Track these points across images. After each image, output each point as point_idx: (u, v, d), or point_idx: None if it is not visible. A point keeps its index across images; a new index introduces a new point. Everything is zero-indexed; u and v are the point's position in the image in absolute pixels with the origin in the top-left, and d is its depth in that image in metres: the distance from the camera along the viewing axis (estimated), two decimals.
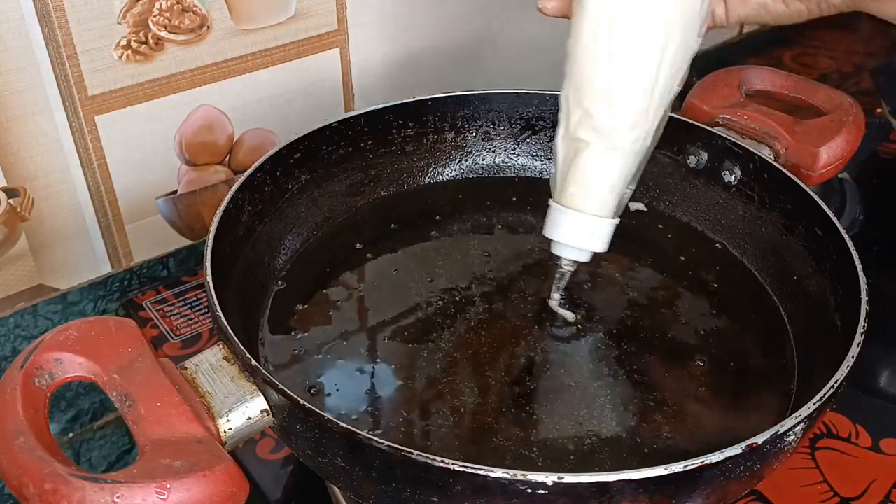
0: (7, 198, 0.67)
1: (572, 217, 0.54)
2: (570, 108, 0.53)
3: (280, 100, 0.78)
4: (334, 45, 0.80)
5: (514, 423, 0.52)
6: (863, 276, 0.54)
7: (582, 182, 0.54)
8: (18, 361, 0.45)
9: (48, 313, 0.73)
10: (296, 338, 0.58)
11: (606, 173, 0.53)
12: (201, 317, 0.74)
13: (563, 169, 0.54)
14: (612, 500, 0.42)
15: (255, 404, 0.47)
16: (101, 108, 0.69)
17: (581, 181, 0.54)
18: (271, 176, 0.64)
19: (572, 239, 0.55)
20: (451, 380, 0.55)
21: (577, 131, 0.53)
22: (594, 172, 0.53)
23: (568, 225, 0.55)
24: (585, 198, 0.54)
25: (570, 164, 0.54)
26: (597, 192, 0.54)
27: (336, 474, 0.48)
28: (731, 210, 0.68)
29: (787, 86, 0.76)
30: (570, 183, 0.54)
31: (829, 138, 0.68)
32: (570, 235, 0.55)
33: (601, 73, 0.51)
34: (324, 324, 0.60)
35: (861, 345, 0.49)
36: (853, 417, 0.64)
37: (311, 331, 0.59)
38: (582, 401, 0.54)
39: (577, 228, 0.54)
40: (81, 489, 0.39)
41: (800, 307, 0.61)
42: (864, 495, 0.59)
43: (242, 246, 0.60)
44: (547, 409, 0.53)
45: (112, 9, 0.66)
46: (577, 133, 0.53)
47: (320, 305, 0.61)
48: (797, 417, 0.45)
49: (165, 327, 0.73)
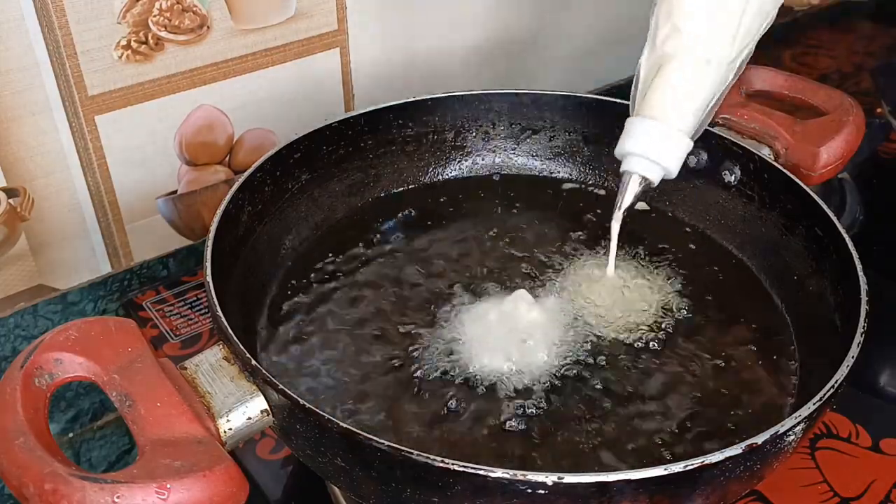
0: (7, 198, 0.67)
1: (652, 127, 0.54)
2: (660, 24, 0.54)
3: (280, 100, 0.78)
4: (334, 45, 0.80)
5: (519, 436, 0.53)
6: (863, 276, 0.54)
7: (665, 93, 0.54)
8: (18, 361, 0.45)
9: (48, 313, 0.73)
10: (296, 337, 0.58)
11: (690, 87, 0.54)
12: (201, 317, 0.74)
13: (644, 85, 0.55)
14: (612, 500, 0.42)
15: (255, 404, 0.47)
16: (101, 108, 0.69)
17: (663, 93, 0.54)
18: (271, 176, 0.64)
19: (650, 150, 0.54)
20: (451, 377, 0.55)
21: (665, 45, 0.54)
22: (678, 86, 0.54)
23: (645, 134, 0.54)
24: (667, 110, 0.54)
25: (654, 79, 0.54)
26: (679, 104, 0.54)
27: (336, 474, 0.48)
28: (731, 210, 0.68)
29: (787, 86, 0.76)
30: (652, 95, 0.54)
31: (829, 138, 0.68)
32: (648, 146, 0.54)
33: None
34: (324, 323, 0.60)
35: (861, 345, 0.49)
36: (853, 417, 0.64)
37: (312, 331, 0.59)
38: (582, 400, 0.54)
39: (656, 139, 0.54)
40: (81, 489, 0.39)
41: (800, 307, 0.61)
42: (864, 495, 0.58)
43: (242, 246, 0.60)
44: (548, 408, 0.54)
45: (112, 9, 0.66)
46: (665, 47, 0.54)
47: (320, 305, 0.61)
48: (797, 417, 0.45)
49: (165, 327, 0.73)
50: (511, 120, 0.74)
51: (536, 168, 0.76)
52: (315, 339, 0.58)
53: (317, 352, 0.57)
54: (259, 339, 0.58)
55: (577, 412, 0.53)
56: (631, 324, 0.60)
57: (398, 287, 0.63)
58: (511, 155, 0.75)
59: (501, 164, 0.76)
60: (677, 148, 0.55)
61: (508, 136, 0.75)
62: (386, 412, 0.53)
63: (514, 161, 0.76)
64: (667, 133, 0.54)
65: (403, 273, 0.64)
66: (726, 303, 0.63)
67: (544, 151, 0.76)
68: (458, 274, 0.64)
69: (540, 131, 0.75)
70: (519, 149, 0.76)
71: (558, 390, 0.54)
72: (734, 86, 0.74)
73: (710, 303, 0.63)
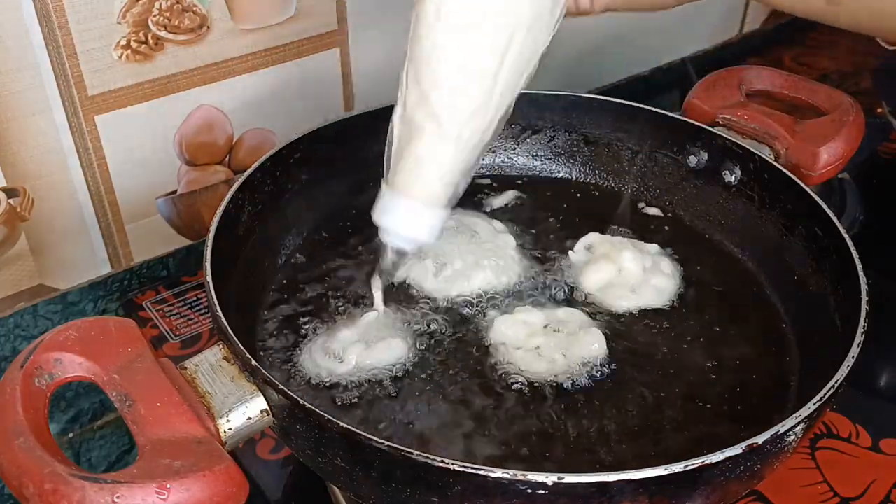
0: (7, 198, 0.67)
1: (401, 203, 0.52)
2: (409, 87, 0.50)
3: (280, 100, 0.78)
4: (334, 45, 0.79)
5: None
6: (863, 276, 0.54)
7: (414, 168, 0.51)
8: (18, 361, 0.45)
9: (48, 313, 0.73)
10: (296, 337, 0.58)
11: (439, 162, 0.51)
12: (201, 317, 0.74)
13: (396, 151, 0.52)
14: (612, 500, 0.42)
15: (255, 404, 0.47)
16: (101, 108, 0.69)
17: (413, 167, 0.51)
18: (271, 176, 0.64)
19: (399, 226, 0.53)
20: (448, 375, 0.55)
21: (414, 113, 0.50)
22: (427, 160, 0.51)
23: (396, 211, 0.52)
24: (419, 186, 0.51)
25: (405, 148, 0.51)
26: (430, 180, 0.51)
27: (336, 474, 0.48)
28: (731, 210, 0.68)
29: (787, 86, 0.76)
30: (402, 168, 0.51)
31: (829, 138, 0.68)
32: (397, 223, 0.53)
33: (440, 57, 0.49)
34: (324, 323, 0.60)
35: (861, 345, 0.49)
36: (853, 417, 0.64)
37: (312, 330, 0.59)
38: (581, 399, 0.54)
39: (405, 216, 0.52)
40: (81, 489, 0.39)
41: (800, 307, 0.61)
42: (864, 495, 0.58)
43: (242, 246, 0.60)
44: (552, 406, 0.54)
45: (112, 9, 0.66)
46: (414, 115, 0.50)
47: (320, 305, 0.61)
48: (797, 417, 0.45)
49: (165, 327, 0.73)
50: (511, 120, 0.74)
51: (536, 168, 0.76)
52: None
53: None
54: (259, 338, 0.58)
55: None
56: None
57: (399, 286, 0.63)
58: (511, 155, 0.75)
59: (501, 164, 0.76)
60: (429, 221, 0.53)
61: (508, 136, 0.75)
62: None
63: (514, 161, 0.76)
64: (417, 210, 0.52)
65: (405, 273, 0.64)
66: (726, 302, 0.63)
67: (544, 151, 0.76)
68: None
69: (540, 131, 0.75)
70: (519, 149, 0.76)
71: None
72: (735, 86, 0.75)
73: (710, 302, 0.63)
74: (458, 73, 0.49)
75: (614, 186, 0.74)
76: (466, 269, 0.62)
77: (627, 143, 0.73)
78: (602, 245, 0.65)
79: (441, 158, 0.51)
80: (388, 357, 0.56)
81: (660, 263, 0.64)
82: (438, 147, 0.50)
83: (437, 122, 0.50)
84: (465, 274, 0.62)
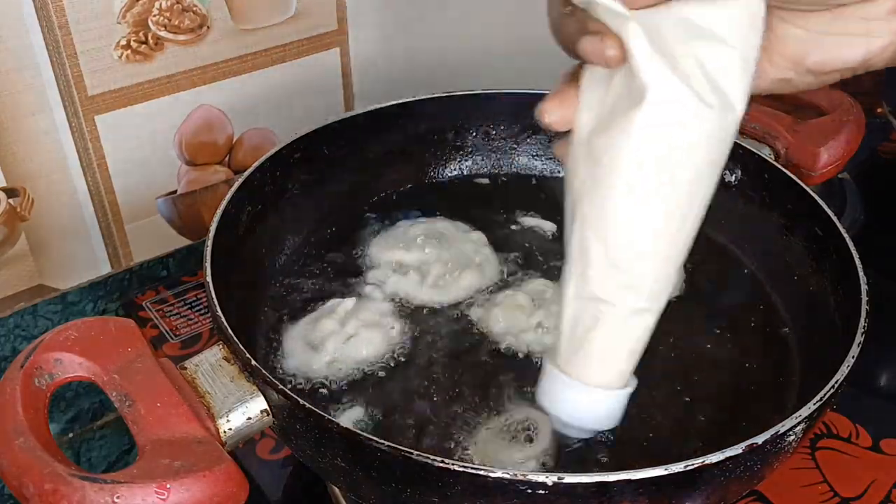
0: (7, 198, 0.67)
1: (584, 394, 0.44)
2: (591, 261, 0.42)
3: (280, 100, 0.78)
4: (334, 45, 0.79)
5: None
6: (863, 276, 0.54)
7: (602, 352, 0.44)
8: (18, 361, 0.45)
9: (48, 313, 0.73)
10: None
11: (634, 340, 0.44)
12: (201, 317, 0.74)
13: (574, 333, 0.44)
14: (612, 500, 0.42)
15: (255, 404, 0.47)
16: (101, 108, 0.68)
17: (601, 351, 0.44)
18: (271, 176, 0.64)
19: (585, 419, 0.46)
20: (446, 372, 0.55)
21: (604, 291, 0.42)
22: (620, 340, 0.44)
23: (578, 402, 0.45)
24: (604, 370, 0.44)
25: (589, 331, 0.43)
26: (620, 362, 0.44)
27: (336, 474, 0.48)
28: (731, 210, 0.68)
29: None
30: (585, 353, 0.44)
31: (829, 138, 0.68)
32: (582, 415, 0.46)
33: (643, 226, 0.41)
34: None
35: (861, 345, 0.49)
36: (853, 417, 0.64)
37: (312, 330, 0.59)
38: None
39: (591, 407, 0.45)
40: (81, 489, 0.39)
41: (800, 307, 0.61)
42: (864, 495, 0.58)
43: (242, 246, 0.60)
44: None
45: (112, 9, 0.65)
46: (604, 294, 0.42)
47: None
48: (797, 417, 0.45)
49: (165, 327, 0.73)
50: (511, 120, 0.74)
51: (537, 168, 0.76)
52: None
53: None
54: (259, 338, 0.58)
55: None
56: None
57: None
58: (511, 155, 0.75)
59: (501, 164, 0.76)
60: (615, 405, 0.46)
61: (508, 136, 0.75)
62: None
63: (514, 161, 0.76)
64: (602, 396, 0.45)
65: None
66: (726, 302, 0.63)
67: (544, 151, 0.76)
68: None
69: (540, 131, 0.75)
70: (519, 149, 0.76)
71: None
72: None
73: (710, 302, 0.63)
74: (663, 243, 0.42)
75: None
76: (451, 272, 0.63)
77: None
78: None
79: (639, 334, 0.44)
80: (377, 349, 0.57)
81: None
82: (637, 323, 0.43)
83: (639, 295, 0.42)
84: (452, 277, 0.62)
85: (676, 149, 0.39)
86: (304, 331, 0.58)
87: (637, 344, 0.44)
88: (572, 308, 0.44)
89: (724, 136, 0.40)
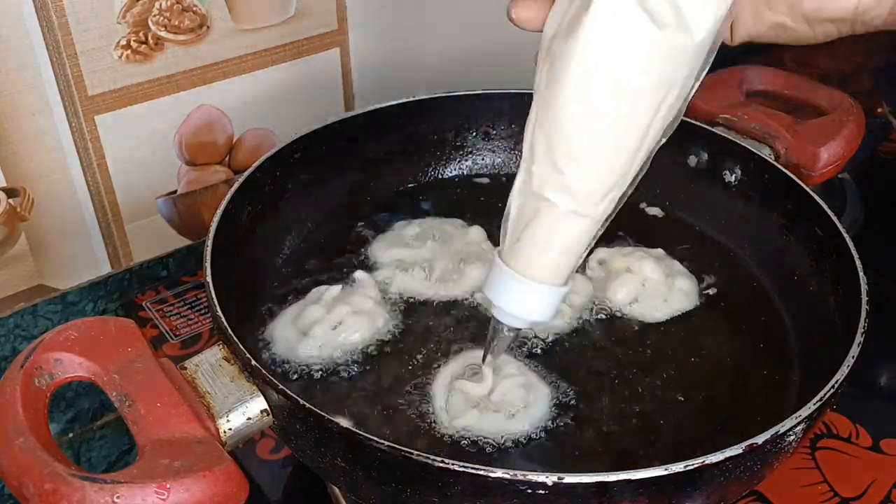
0: (7, 198, 0.67)
1: (522, 284, 0.46)
2: (536, 158, 0.44)
3: (280, 100, 0.78)
4: (334, 45, 0.79)
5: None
6: (863, 276, 0.54)
7: (539, 247, 0.46)
8: (18, 361, 0.45)
9: (48, 313, 0.73)
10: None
11: (569, 240, 0.45)
12: (201, 317, 0.74)
13: (516, 226, 0.46)
14: (612, 500, 0.42)
15: (254, 404, 0.47)
16: (101, 108, 0.68)
17: (538, 246, 0.46)
18: (271, 176, 0.64)
19: (519, 309, 0.47)
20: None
21: (543, 188, 0.44)
22: (556, 239, 0.45)
23: (515, 292, 0.47)
24: (540, 266, 0.46)
25: (528, 224, 0.45)
26: (555, 260, 0.46)
27: (336, 474, 0.48)
28: (731, 210, 0.68)
29: (787, 86, 0.76)
30: (524, 246, 0.46)
31: (829, 138, 0.68)
32: (518, 305, 0.47)
33: (583, 129, 0.43)
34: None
35: (861, 345, 0.49)
36: (853, 417, 0.64)
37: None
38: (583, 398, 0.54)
39: (527, 298, 0.47)
40: (81, 489, 0.39)
41: (800, 307, 0.61)
42: (864, 495, 0.58)
43: (242, 246, 0.60)
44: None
45: (112, 9, 0.66)
46: (543, 190, 0.44)
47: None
48: (797, 417, 0.45)
49: (165, 327, 0.73)
50: (511, 120, 0.74)
51: None
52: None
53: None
54: (259, 338, 0.58)
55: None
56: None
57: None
58: (511, 155, 0.75)
59: (501, 164, 0.76)
60: (552, 301, 0.47)
61: (508, 136, 0.75)
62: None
63: (514, 161, 0.76)
64: (538, 290, 0.46)
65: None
66: (726, 302, 0.63)
67: None
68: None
69: None
70: (519, 149, 0.75)
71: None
72: (735, 86, 0.75)
73: (710, 303, 0.63)
74: (601, 150, 0.43)
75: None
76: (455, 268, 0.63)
77: None
78: (615, 259, 0.64)
79: (572, 236, 0.45)
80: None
81: (673, 266, 0.64)
82: (571, 224, 0.45)
83: (573, 198, 0.44)
84: (457, 272, 0.63)
85: (623, 62, 0.41)
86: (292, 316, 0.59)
87: (573, 245, 0.45)
88: (517, 202, 0.46)
89: (682, 59, 0.41)
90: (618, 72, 0.41)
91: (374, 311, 0.59)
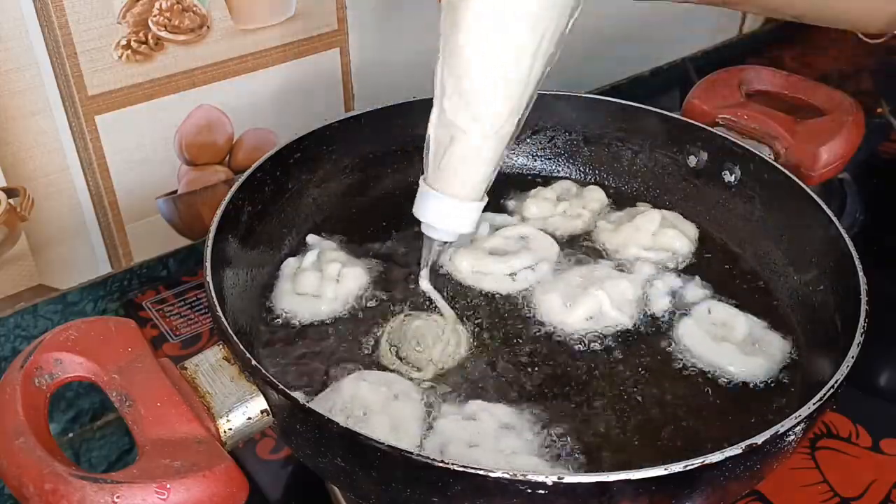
0: (7, 198, 0.67)
1: (444, 202, 0.55)
2: (446, 91, 0.52)
3: (280, 100, 0.78)
4: (334, 45, 0.80)
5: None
6: (863, 276, 0.54)
7: (456, 169, 0.54)
8: (18, 361, 0.45)
9: (48, 313, 0.73)
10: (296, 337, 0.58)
11: (481, 161, 0.54)
12: (201, 317, 0.74)
13: (436, 152, 0.55)
14: (612, 500, 0.42)
15: (254, 404, 0.47)
16: (101, 108, 0.69)
17: (455, 168, 0.54)
18: (271, 176, 0.64)
19: (445, 223, 0.56)
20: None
21: (455, 118, 0.52)
22: (470, 160, 0.54)
23: (440, 209, 0.56)
24: (459, 184, 0.55)
25: (445, 150, 0.54)
26: (471, 178, 0.55)
27: (336, 474, 0.48)
28: (731, 210, 0.68)
29: (787, 86, 0.76)
30: (444, 168, 0.54)
31: (829, 138, 0.68)
32: (443, 220, 0.56)
33: (482, 65, 0.51)
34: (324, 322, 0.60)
35: (861, 345, 0.49)
36: (853, 417, 0.64)
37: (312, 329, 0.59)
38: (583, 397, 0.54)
39: (450, 213, 0.56)
40: (81, 489, 0.39)
41: (800, 307, 0.61)
42: (864, 495, 0.58)
43: (242, 246, 0.60)
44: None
45: (112, 9, 0.66)
46: (455, 120, 0.52)
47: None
48: (797, 417, 0.45)
49: (165, 327, 0.73)
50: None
51: (536, 168, 0.76)
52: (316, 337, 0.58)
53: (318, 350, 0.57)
54: (259, 338, 0.58)
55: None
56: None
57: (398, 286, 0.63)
58: (511, 155, 0.75)
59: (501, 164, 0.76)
60: (473, 215, 0.56)
61: None
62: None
63: (514, 161, 0.76)
64: (459, 206, 0.55)
65: (403, 273, 0.64)
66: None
67: (544, 151, 0.76)
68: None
69: (540, 131, 0.75)
70: (519, 149, 0.76)
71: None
72: (735, 86, 0.75)
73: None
74: (499, 78, 0.51)
75: (613, 185, 0.74)
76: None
77: (627, 143, 0.73)
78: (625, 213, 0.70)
79: (484, 157, 0.54)
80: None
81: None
82: (481, 147, 0.53)
83: (480, 123, 0.52)
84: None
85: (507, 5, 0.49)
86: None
87: (484, 164, 0.54)
88: (434, 133, 0.54)
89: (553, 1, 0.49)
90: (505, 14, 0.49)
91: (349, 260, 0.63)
